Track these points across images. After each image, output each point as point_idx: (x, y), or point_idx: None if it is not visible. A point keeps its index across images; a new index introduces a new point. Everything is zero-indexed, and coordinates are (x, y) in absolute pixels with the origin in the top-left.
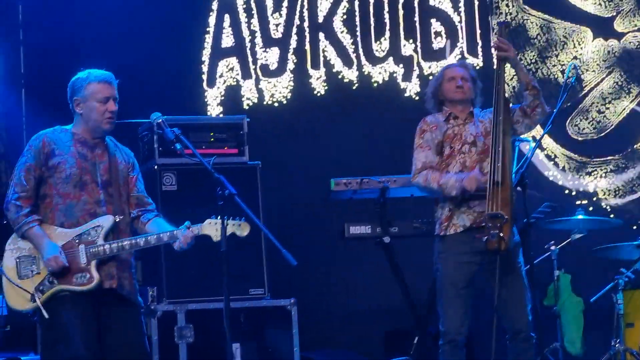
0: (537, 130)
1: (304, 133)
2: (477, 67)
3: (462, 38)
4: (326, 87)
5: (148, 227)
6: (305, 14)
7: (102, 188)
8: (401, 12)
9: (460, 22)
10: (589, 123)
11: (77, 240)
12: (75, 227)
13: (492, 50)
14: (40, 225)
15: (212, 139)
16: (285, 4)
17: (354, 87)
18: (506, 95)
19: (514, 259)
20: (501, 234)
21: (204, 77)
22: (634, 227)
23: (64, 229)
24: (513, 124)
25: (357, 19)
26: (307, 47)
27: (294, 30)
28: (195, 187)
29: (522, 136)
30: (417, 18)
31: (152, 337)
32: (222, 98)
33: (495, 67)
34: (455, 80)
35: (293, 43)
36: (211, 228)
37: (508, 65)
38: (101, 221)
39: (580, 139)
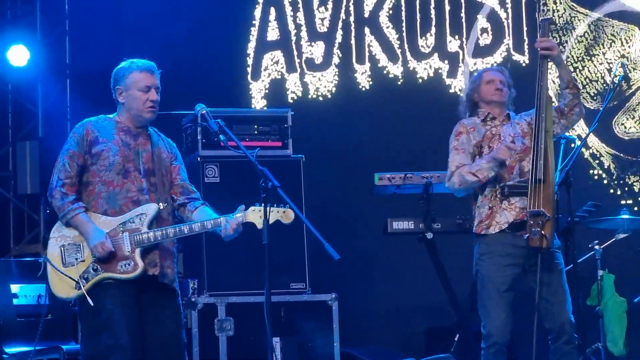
0: (583, 129)
1: (348, 127)
2: (524, 65)
3: (509, 35)
4: (371, 82)
5: (195, 215)
6: (351, 8)
7: (145, 176)
8: (447, 8)
9: (507, 18)
10: (635, 122)
11: (121, 228)
12: (119, 215)
13: (536, 47)
14: (86, 212)
15: (256, 132)
16: None
17: (399, 83)
18: (550, 93)
19: (554, 260)
20: (543, 232)
21: (249, 69)
22: None
23: (108, 217)
24: None
25: (403, 14)
26: (353, 41)
27: (340, 24)
28: (237, 179)
29: (568, 134)
30: (463, 14)
31: (192, 330)
32: (267, 91)
33: (538, 64)
34: (495, 82)
35: (338, 37)
36: (255, 215)
37: (551, 63)
38: (145, 209)
39: (626, 138)
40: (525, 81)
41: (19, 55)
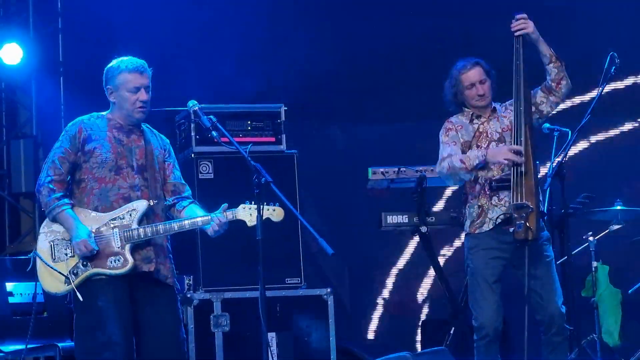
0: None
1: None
2: None
3: None
4: None
5: (184, 214)
6: None
7: (138, 173)
8: None
9: None
10: None
11: (111, 224)
12: (110, 211)
13: (512, 27)
14: (72, 209)
15: (250, 127)
16: None
17: None
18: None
19: (543, 252)
20: (527, 224)
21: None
22: None
23: (98, 213)
24: (538, 105)
25: None
26: None
27: None
28: (231, 175)
29: (561, 127)
30: None
31: (189, 326)
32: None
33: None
34: (476, 87)
35: None
36: (245, 213)
37: None
38: (135, 205)
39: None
40: None
41: (12, 54)
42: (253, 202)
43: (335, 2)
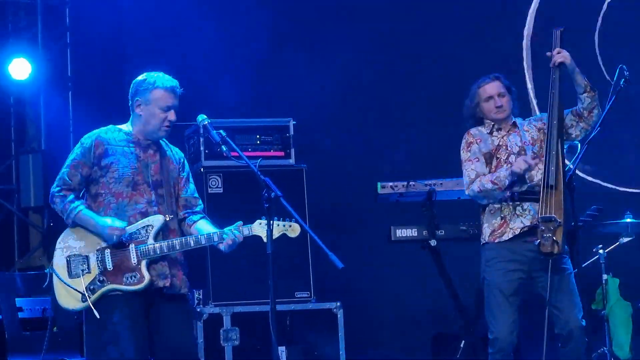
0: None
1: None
2: None
3: None
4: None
5: (194, 229)
6: None
7: (153, 188)
8: None
9: None
10: None
11: (127, 240)
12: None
13: (549, 57)
14: (88, 208)
15: (259, 142)
16: None
17: None
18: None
19: (562, 264)
20: (555, 238)
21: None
22: None
23: None
24: (567, 128)
25: None
26: None
27: None
28: (240, 189)
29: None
30: None
31: (198, 340)
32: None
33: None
34: (494, 99)
35: None
36: (262, 229)
37: None
38: (151, 221)
39: None
40: None
41: (20, 69)
42: (267, 215)
43: (340, 18)
